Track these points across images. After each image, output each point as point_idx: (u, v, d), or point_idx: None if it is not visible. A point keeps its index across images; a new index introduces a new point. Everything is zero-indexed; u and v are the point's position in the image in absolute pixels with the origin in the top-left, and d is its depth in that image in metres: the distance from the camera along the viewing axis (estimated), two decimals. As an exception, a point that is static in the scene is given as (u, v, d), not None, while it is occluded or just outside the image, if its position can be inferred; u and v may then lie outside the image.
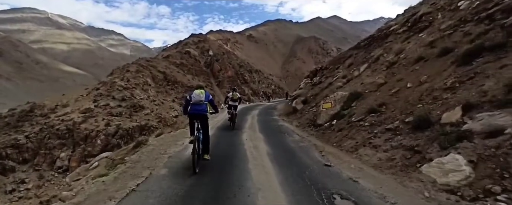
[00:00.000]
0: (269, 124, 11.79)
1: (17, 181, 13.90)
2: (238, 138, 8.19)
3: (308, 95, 15.47)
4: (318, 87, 16.26)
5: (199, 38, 51.65)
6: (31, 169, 14.79)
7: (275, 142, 7.73)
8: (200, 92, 5.10)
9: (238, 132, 9.43)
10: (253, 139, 8.03)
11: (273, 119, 13.96)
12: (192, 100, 5.05)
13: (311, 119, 10.64)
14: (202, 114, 5.06)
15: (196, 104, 5.03)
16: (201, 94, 5.06)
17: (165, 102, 25.71)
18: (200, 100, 5.02)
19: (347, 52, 20.31)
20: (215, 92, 36.61)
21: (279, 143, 7.65)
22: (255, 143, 7.47)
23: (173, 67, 34.64)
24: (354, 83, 11.10)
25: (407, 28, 12.22)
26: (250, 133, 9.16)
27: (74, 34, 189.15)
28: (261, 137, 8.41)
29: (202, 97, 5.04)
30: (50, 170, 14.90)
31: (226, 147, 7.05)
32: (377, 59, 11.70)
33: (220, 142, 7.58)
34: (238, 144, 7.39)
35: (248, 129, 10.22)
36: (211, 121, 8.13)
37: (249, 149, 6.65)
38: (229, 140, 7.93)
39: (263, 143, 7.51)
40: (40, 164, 15.10)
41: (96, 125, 17.51)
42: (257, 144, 7.35)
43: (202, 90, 5.19)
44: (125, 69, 28.57)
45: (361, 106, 8.21)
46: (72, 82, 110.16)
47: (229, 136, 8.61)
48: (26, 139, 15.83)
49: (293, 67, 72.34)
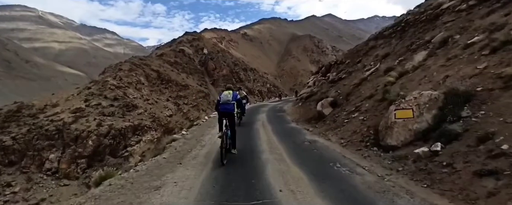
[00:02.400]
0: (295, 141, 7.44)
1: (3, 184, 13.33)
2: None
3: (332, 95, 11.76)
4: (342, 85, 12.72)
5: (193, 36, 51.03)
6: (18, 171, 14.22)
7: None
8: (228, 92, 5.71)
9: (258, 163, 5.36)
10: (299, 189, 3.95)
11: (292, 128, 10.01)
12: (221, 100, 5.66)
13: (366, 133, 6.50)
14: (229, 112, 5.64)
15: (225, 104, 5.61)
16: (229, 95, 5.65)
17: (159, 101, 25.23)
18: (227, 100, 5.59)
19: (365, 44, 17.60)
20: (210, 90, 36.19)
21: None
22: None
23: (167, 65, 34.08)
24: (422, 77, 7.20)
25: (477, 2, 9.37)
26: (280, 168, 4.94)
27: (66, 32, 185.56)
28: (307, 186, 4.09)
29: (230, 97, 5.62)
30: (39, 172, 14.37)
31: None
32: (444, 43, 8.39)
33: None
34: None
35: (268, 153, 6.05)
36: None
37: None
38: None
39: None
40: (28, 166, 14.54)
41: (87, 125, 16.99)
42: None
43: (230, 91, 5.82)
44: (117, 68, 27.96)
45: (496, 117, 4.20)
46: (64, 81, 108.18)
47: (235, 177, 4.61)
48: (12, 141, 15.23)
49: (288, 66, 72.15)
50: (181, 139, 8.35)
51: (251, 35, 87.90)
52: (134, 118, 19.63)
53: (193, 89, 32.14)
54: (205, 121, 13.49)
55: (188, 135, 9.02)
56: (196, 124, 12.70)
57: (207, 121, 13.40)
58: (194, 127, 11.48)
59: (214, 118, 12.64)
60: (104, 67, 39.39)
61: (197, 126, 11.62)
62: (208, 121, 13.27)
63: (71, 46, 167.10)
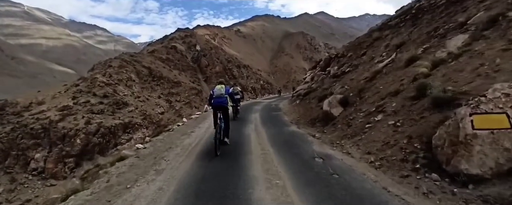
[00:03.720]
0: (300, 155, 5.51)
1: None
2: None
3: (339, 91, 10.32)
4: (348, 79, 11.53)
5: (186, 32, 50.18)
6: (2, 171, 13.65)
7: None
8: (221, 87, 5.98)
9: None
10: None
11: (293, 134, 8.05)
12: (214, 94, 5.90)
13: (408, 147, 4.51)
14: (223, 106, 5.86)
15: (218, 97, 5.85)
16: (221, 89, 5.91)
17: (150, 98, 24.69)
18: (221, 94, 5.85)
19: (367, 36, 16.40)
20: (202, 87, 35.73)
21: None
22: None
23: (159, 62, 33.40)
24: (477, 66, 5.45)
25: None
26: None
27: (54, 28, 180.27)
28: None
29: (223, 91, 5.88)
30: (24, 172, 13.82)
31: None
32: (492, 22, 7.08)
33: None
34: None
35: (261, 185, 3.99)
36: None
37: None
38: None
39: None
40: (12, 166, 13.97)
41: (75, 124, 16.43)
42: None
43: (222, 85, 6.08)
44: (107, 65, 27.17)
45: None
46: (52, 78, 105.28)
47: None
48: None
49: (282, 63, 72.00)
50: (131, 157, 6.02)
51: (244, 32, 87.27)
52: (125, 115, 19.12)
53: (186, 86, 31.64)
54: (182, 124, 11.00)
55: (145, 150, 6.71)
56: (168, 130, 10.05)
57: (184, 124, 10.97)
58: (164, 135, 8.82)
59: (195, 120, 11.97)
60: (94, 64, 38.35)
61: (168, 133, 9.06)
62: (186, 125, 10.90)
63: (59, 42, 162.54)
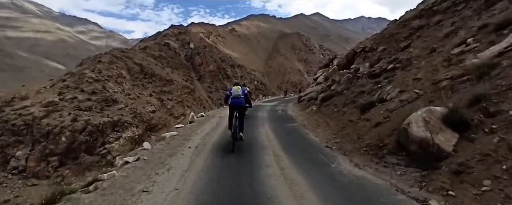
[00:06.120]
0: None
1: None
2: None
3: (444, 104, 5.00)
4: (410, 79, 7.73)
5: (179, 30, 49.39)
6: (-21, 170, 12.89)
7: None
8: (237, 88, 6.38)
9: None
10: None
11: (359, 186, 4.07)
12: (232, 94, 6.33)
13: None
14: (240, 106, 6.34)
15: (235, 98, 6.28)
16: (238, 90, 6.33)
17: (141, 96, 24.03)
18: (238, 94, 6.28)
19: (401, 26, 13.99)
20: (196, 86, 35.17)
21: None
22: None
23: (151, 59, 32.65)
24: None
25: None
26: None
27: (43, 21, 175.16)
28: None
29: (239, 92, 6.30)
30: (3, 171, 13.09)
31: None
32: None
33: None
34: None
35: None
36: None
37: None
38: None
39: None
40: (-9, 164, 13.22)
41: (60, 120, 15.72)
42: None
43: (239, 86, 6.48)
44: (96, 60, 26.31)
45: None
46: (39, 72, 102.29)
47: None
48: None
49: (276, 63, 71.83)
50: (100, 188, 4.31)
51: (239, 31, 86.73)
52: (114, 113, 18.47)
53: (178, 84, 31.02)
54: (177, 134, 8.52)
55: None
56: (143, 150, 7.02)
57: (179, 134, 8.49)
58: (142, 153, 6.46)
59: (190, 129, 10.05)
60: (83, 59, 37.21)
61: (146, 153, 6.49)
62: (180, 134, 8.49)
63: (49, 36, 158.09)
